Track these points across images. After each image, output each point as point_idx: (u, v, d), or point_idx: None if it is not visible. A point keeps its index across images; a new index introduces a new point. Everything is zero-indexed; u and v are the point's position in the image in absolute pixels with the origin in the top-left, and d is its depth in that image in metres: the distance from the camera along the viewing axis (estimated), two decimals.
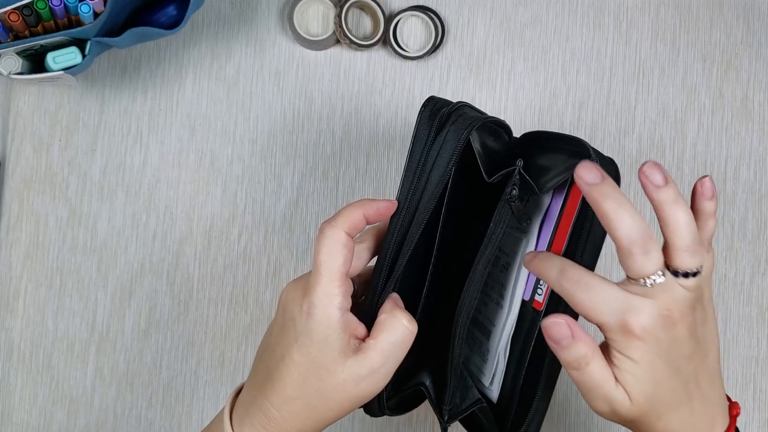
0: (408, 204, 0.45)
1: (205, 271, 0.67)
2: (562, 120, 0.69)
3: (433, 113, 0.45)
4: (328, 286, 0.42)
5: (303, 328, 0.43)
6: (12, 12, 0.56)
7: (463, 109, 0.46)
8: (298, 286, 0.44)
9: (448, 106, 0.46)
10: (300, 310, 0.43)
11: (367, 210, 0.44)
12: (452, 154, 0.44)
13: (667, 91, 0.70)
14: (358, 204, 0.44)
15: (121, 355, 0.66)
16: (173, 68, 0.68)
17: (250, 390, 0.46)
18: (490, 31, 0.69)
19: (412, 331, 0.44)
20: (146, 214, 0.67)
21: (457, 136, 0.44)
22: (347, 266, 0.43)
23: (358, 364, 0.43)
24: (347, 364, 0.42)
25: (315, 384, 0.43)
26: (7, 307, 0.66)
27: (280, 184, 0.67)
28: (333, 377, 0.43)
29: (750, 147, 0.69)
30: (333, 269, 0.43)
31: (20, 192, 0.67)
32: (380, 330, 0.43)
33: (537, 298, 0.48)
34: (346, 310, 0.43)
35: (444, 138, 0.44)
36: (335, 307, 0.42)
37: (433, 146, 0.44)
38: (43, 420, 0.66)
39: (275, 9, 0.68)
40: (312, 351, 0.42)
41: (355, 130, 0.68)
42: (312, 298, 0.42)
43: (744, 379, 0.68)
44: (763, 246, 0.69)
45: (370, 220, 0.45)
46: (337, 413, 0.44)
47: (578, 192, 0.45)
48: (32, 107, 0.67)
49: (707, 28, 0.70)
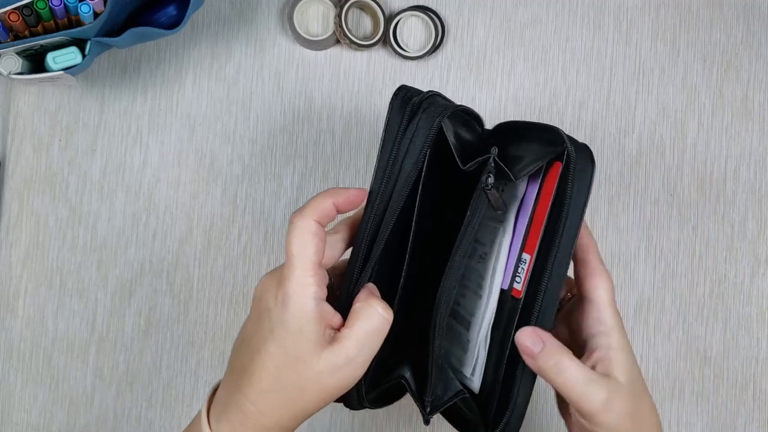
0: (382, 192, 0.44)
1: (205, 271, 0.67)
2: (562, 120, 0.69)
3: (405, 102, 0.45)
4: (301, 277, 0.42)
5: (278, 320, 0.42)
6: (12, 12, 0.56)
7: (435, 98, 0.46)
8: (272, 278, 0.44)
9: (419, 95, 0.46)
10: (275, 301, 0.43)
11: (337, 199, 0.44)
12: (425, 141, 0.44)
13: (667, 91, 0.70)
14: (327, 193, 0.44)
15: (121, 355, 0.66)
16: (173, 68, 0.68)
17: (227, 386, 0.45)
18: (490, 31, 0.69)
19: (387, 319, 0.43)
20: (146, 214, 0.67)
21: (429, 123, 0.44)
22: (319, 255, 0.43)
23: (334, 354, 0.42)
24: (323, 354, 0.42)
25: (291, 376, 0.42)
26: (7, 307, 0.66)
27: (280, 184, 0.67)
28: (309, 368, 0.42)
29: (750, 147, 0.69)
30: (305, 259, 0.42)
31: (20, 192, 0.67)
32: (355, 319, 0.43)
33: (516, 286, 0.48)
34: (321, 299, 0.43)
35: (416, 126, 0.44)
36: (309, 297, 0.42)
37: (405, 134, 0.44)
38: (43, 420, 0.66)
39: (275, 9, 0.68)
40: (287, 343, 0.42)
41: (355, 130, 0.68)
42: (286, 289, 0.42)
43: (744, 379, 0.68)
44: (763, 246, 0.69)
45: (341, 209, 0.44)
46: (315, 405, 0.44)
47: (553, 179, 0.45)
48: (32, 107, 0.67)
49: (707, 28, 0.70)
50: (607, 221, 0.68)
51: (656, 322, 0.68)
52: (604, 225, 0.68)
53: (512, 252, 0.48)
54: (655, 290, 0.68)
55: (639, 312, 0.68)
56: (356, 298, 0.44)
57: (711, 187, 0.69)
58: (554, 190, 0.45)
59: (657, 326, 0.68)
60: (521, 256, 0.47)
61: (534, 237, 0.46)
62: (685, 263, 0.69)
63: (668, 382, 0.68)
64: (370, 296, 0.44)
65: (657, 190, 0.69)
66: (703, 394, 0.68)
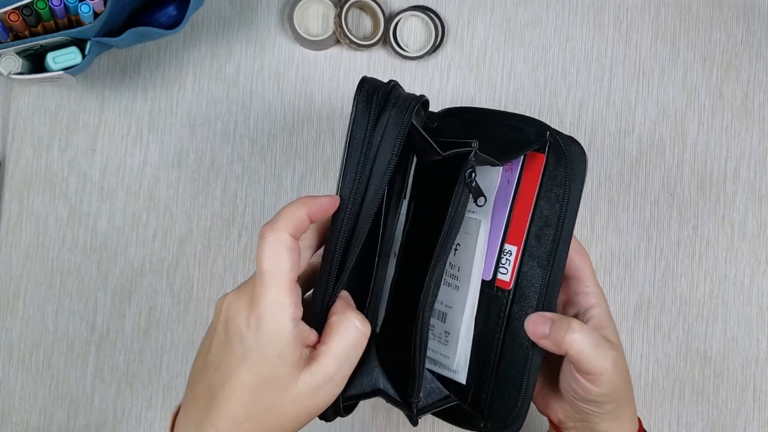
0: (353, 196, 0.42)
1: (205, 271, 0.67)
2: (562, 120, 0.69)
3: (370, 96, 0.43)
4: (277, 296, 0.39)
5: (252, 344, 0.39)
6: (12, 12, 0.56)
7: (398, 90, 0.44)
8: (241, 296, 0.40)
9: (383, 87, 0.44)
10: (247, 324, 0.39)
11: (310, 208, 0.41)
12: (394, 141, 0.42)
13: (667, 91, 0.70)
14: (300, 202, 0.41)
15: (121, 355, 0.66)
16: (173, 68, 0.68)
17: (191, 415, 0.42)
18: (490, 31, 0.69)
19: (365, 333, 0.41)
20: (146, 214, 0.67)
21: (399, 119, 0.42)
22: (295, 271, 0.40)
23: (312, 375, 0.40)
24: (301, 377, 0.39)
25: (266, 402, 0.40)
26: (7, 307, 0.66)
27: (280, 184, 0.67)
28: (287, 393, 0.40)
29: (750, 147, 0.69)
30: (281, 276, 0.39)
31: (20, 192, 0.67)
32: (332, 334, 0.40)
33: (502, 277, 0.47)
34: (298, 320, 0.40)
35: (386, 123, 0.42)
36: (287, 319, 0.39)
37: (375, 133, 0.42)
38: (43, 420, 0.66)
39: (275, 9, 0.68)
40: (263, 368, 0.39)
41: None
42: (260, 310, 0.39)
43: (744, 379, 0.68)
44: (763, 246, 0.69)
45: (314, 219, 0.41)
46: (292, 428, 0.41)
47: (535, 171, 0.45)
48: (32, 107, 0.67)
49: (707, 28, 0.70)
50: (607, 221, 0.68)
51: (656, 322, 0.68)
52: (604, 225, 0.68)
53: (492, 243, 0.47)
54: (655, 290, 0.68)
55: (639, 312, 0.68)
56: (332, 311, 0.42)
57: (711, 187, 0.69)
58: (539, 181, 0.44)
59: (657, 326, 0.68)
60: (503, 246, 0.47)
61: (518, 228, 0.46)
62: (685, 263, 0.69)
63: (668, 382, 0.68)
64: (347, 308, 0.42)
65: (657, 190, 0.69)
66: (703, 394, 0.68)
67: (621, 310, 0.68)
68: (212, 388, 0.41)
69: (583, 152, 0.46)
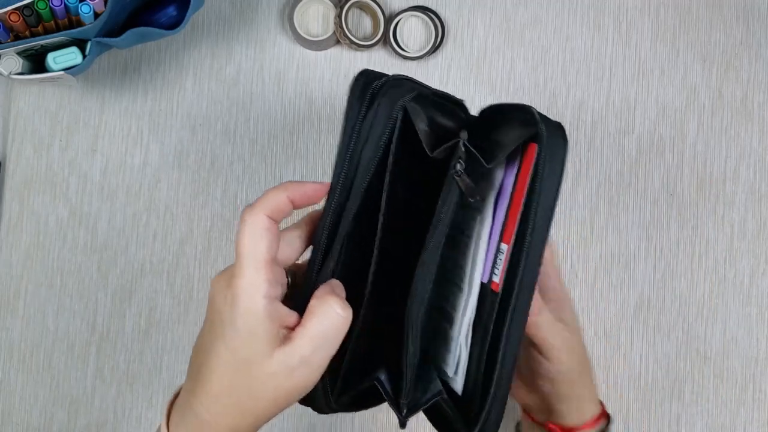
0: (341, 185, 0.41)
1: (205, 272, 0.67)
2: (562, 120, 0.69)
3: (366, 86, 0.42)
4: (251, 275, 0.40)
5: (228, 320, 0.40)
6: (12, 12, 0.56)
7: (400, 81, 0.43)
8: (222, 278, 0.41)
9: (381, 78, 0.42)
10: (224, 301, 0.40)
11: (292, 193, 0.41)
12: (384, 127, 0.41)
13: (667, 91, 0.70)
14: (281, 187, 0.42)
15: (121, 356, 0.66)
16: (174, 69, 0.68)
17: (184, 392, 0.43)
18: (490, 31, 0.69)
19: (345, 318, 0.41)
20: (146, 215, 0.67)
21: (389, 107, 0.41)
22: (272, 252, 0.40)
23: (286, 354, 0.40)
24: (275, 355, 0.40)
25: (243, 380, 0.40)
26: (7, 307, 0.66)
27: None
28: (261, 370, 0.40)
29: (750, 147, 0.69)
30: (256, 256, 0.40)
31: (20, 192, 0.67)
32: (310, 316, 0.41)
33: (494, 279, 0.45)
34: (273, 299, 0.40)
35: (376, 111, 0.41)
36: (260, 296, 0.39)
37: (364, 121, 0.41)
38: (43, 420, 0.66)
39: (275, 9, 0.68)
40: (237, 344, 0.40)
41: None
42: (235, 289, 0.40)
43: (744, 379, 0.68)
44: (763, 246, 0.69)
45: (297, 204, 0.42)
46: (271, 410, 0.42)
47: (530, 163, 0.43)
48: (32, 107, 0.67)
49: (707, 28, 0.70)
50: (607, 221, 0.68)
51: (656, 322, 0.68)
52: (604, 225, 0.68)
53: (491, 243, 0.46)
54: (655, 290, 0.68)
55: (639, 312, 0.68)
56: (313, 295, 0.42)
57: (711, 187, 0.69)
58: (530, 173, 0.42)
59: (657, 326, 0.68)
60: (499, 246, 0.45)
61: (511, 226, 0.44)
62: (685, 263, 0.69)
63: (668, 382, 0.68)
64: (328, 294, 0.42)
65: (657, 190, 0.69)
66: (703, 394, 0.68)
67: (621, 310, 0.68)
68: (199, 366, 0.42)
69: (562, 140, 0.43)
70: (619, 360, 0.68)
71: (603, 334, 0.68)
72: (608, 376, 0.68)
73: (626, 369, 0.68)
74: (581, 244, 0.68)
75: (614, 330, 0.68)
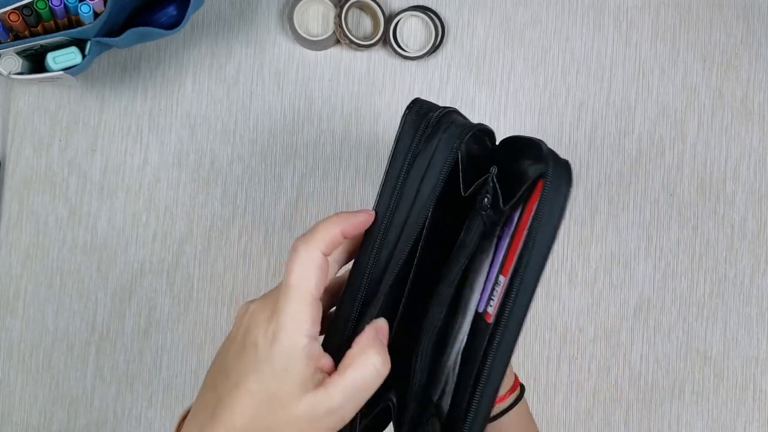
0: (389, 215, 0.41)
1: (205, 271, 0.67)
2: (562, 120, 0.69)
3: (420, 117, 0.42)
4: (297, 311, 0.39)
5: (264, 355, 0.39)
6: (12, 12, 0.56)
7: (453, 116, 0.43)
8: (263, 308, 0.40)
9: (436, 110, 0.43)
10: (264, 334, 0.39)
11: (346, 225, 0.40)
12: (443, 165, 0.41)
13: (667, 91, 0.70)
14: (335, 219, 0.41)
15: (121, 355, 0.66)
16: (173, 68, 0.68)
17: (198, 417, 0.41)
18: (490, 31, 0.69)
19: (381, 375, 0.40)
20: (146, 214, 0.67)
21: (449, 145, 0.41)
22: (320, 290, 0.39)
23: (316, 401, 0.39)
24: (304, 399, 0.38)
25: (267, 417, 0.39)
26: (7, 307, 0.66)
27: (280, 184, 0.67)
28: (288, 412, 0.39)
29: (750, 147, 0.69)
30: (304, 292, 0.39)
31: (20, 192, 0.67)
32: (348, 366, 0.39)
33: (489, 310, 0.45)
34: (313, 338, 0.39)
35: (435, 147, 0.41)
36: (302, 334, 0.38)
37: (420, 155, 0.41)
38: (43, 420, 0.66)
39: (275, 9, 0.68)
40: (270, 381, 0.39)
41: (355, 130, 0.68)
42: (279, 322, 0.39)
43: (744, 379, 0.68)
44: (763, 246, 0.69)
45: (347, 236, 0.41)
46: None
47: (533, 202, 0.42)
48: (32, 107, 0.67)
49: (707, 28, 0.70)
50: (607, 221, 0.68)
51: (656, 322, 0.68)
52: (604, 225, 0.68)
53: (491, 273, 0.45)
54: (655, 290, 0.68)
55: (639, 312, 0.68)
56: (356, 340, 0.40)
57: (711, 187, 0.69)
58: (532, 212, 0.42)
59: (657, 326, 0.68)
60: (498, 278, 0.45)
61: (511, 258, 0.44)
62: (685, 263, 0.69)
63: (668, 382, 0.68)
64: (370, 344, 0.40)
65: (657, 190, 0.69)
66: (703, 394, 0.68)
67: (621, 310, 0.68)
68: (221, 394, 0.40)
69: (566, 181, 0.42)
70: (619, 360, 0.68)
71: (603, 334, 0.68)
72: (608, 376, 0.68)
73: (626, 369, 0.68)
74: (581, 244, 0.68)
75: (614, 330, 0.68)
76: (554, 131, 0.69)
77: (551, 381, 0.67)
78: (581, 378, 0.68)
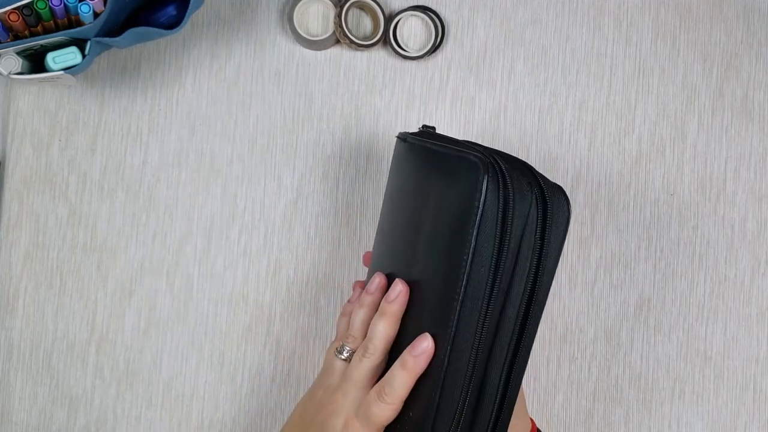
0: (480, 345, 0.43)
1: (205, 271, 0.67)
2: (562, 120, 0.69)
3: (495, 174, 0.42)
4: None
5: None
6: (12, 12, 0.56)
7: (533, 173, 0.44)
8: (348, 405, 0.47)
9: (502, 168, 0.43)
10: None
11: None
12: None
13: (667, 91, 0.69)
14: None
15: (121, 355, 0.66)
16: (173, 68, 0.68)
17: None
18: (490, 31, 0.69)
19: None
20: (146, 214, 0.67)
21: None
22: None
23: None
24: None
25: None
26: (7, 307, 0.66)
27: (280, 184, 0.67)
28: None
29: (750, 147, 0.69)
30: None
31: (20, 192, 0.67)
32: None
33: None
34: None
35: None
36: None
37: (528, 229, 0.43)
38: (43, 420, 0.66)
39: (275, 9, 0.68)
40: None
41: (355, 130, 0.68)
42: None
43: (744, 379, 0.68)
44: (763, 246, 0.69)
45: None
46: None
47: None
48: (32, 107, 0.67)
49: (707, 28, 0.70)
50: (607, 221, 0.68)
51: (656, 322, 0.68)
52: (604, 225, 0.68)
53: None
54: (655, 290, 0.68)
55: (639, 312, 0.68)
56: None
57: (711, 187, 0.69)
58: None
59: (657, 326, 0.68)
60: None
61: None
62: (685, 263, 0.68)
63: (668, 382, 0.68)
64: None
65: (657, 190, 0.69)
66: (703, 394, 0.68)
67: (621, 310, 0.68)
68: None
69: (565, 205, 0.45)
70: (619, 360, 0.68)
71: (603, 334, 0.68)
72: (608, 376, 0.68)
73: (627, 369, 0.68)
74: (581, 244, 0.68)
75: (614, 330, 0.68)
76: (554, 131, 0.69)
77: (551, 381, 0.67)
78: (581, 378, 0.68)
